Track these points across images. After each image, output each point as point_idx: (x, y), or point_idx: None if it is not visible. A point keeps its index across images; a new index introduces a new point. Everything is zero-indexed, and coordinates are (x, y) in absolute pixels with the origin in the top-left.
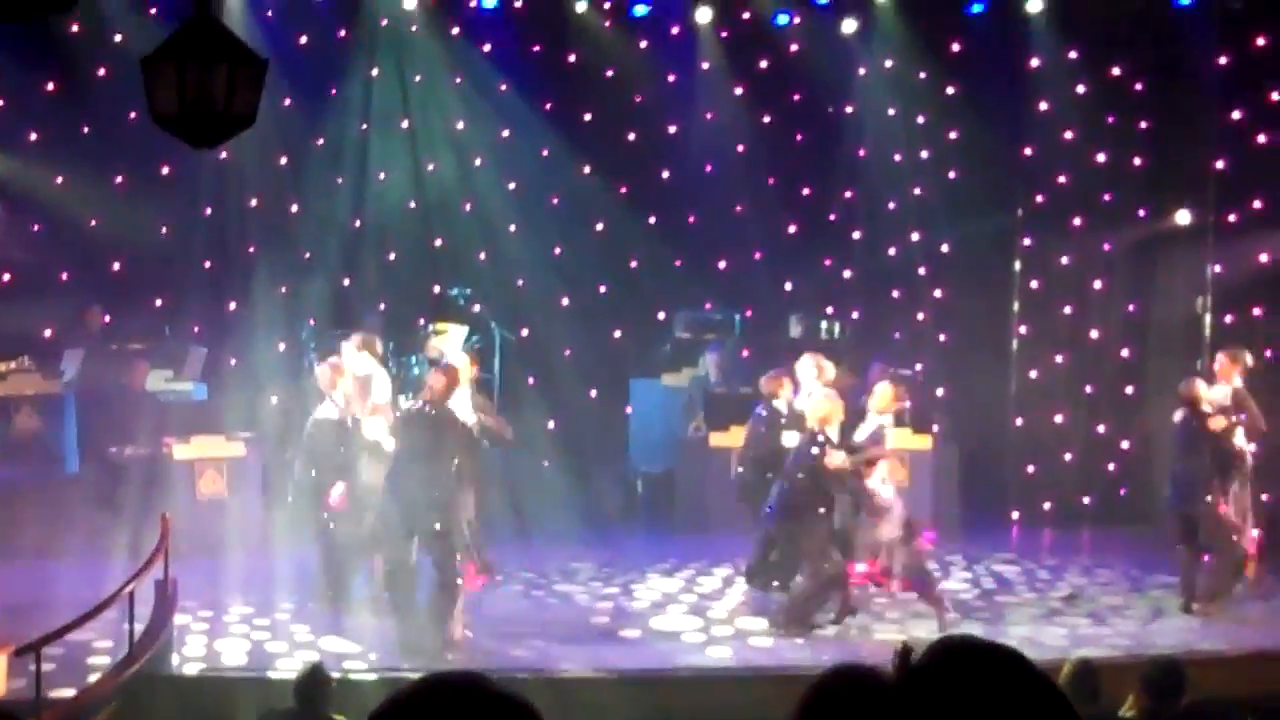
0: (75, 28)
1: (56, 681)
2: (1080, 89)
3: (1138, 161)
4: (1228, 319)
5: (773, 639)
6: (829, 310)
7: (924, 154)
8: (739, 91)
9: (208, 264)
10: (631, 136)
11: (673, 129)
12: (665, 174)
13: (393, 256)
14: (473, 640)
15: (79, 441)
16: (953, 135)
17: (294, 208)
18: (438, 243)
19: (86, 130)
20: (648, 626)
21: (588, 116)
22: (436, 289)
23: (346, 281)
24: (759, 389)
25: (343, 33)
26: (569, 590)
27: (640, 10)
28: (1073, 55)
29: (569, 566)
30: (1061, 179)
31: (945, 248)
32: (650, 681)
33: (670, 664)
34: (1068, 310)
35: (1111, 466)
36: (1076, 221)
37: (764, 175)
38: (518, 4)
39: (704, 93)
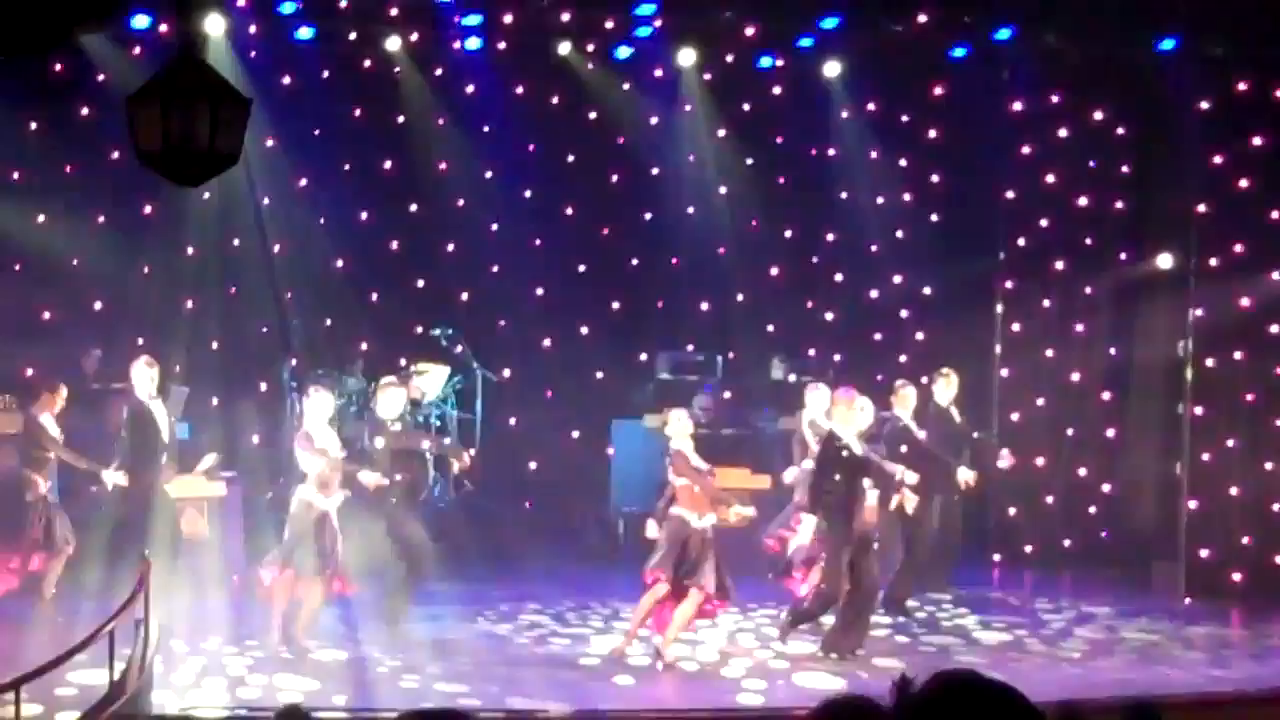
0: (59, 67)
1: (45, 714)
2: (1062, 133)
3: (1119, 205)
4: (1209, 362)
5: (760, 680)
6: (811, 352)
7: (906, 197)
8: (722, 133)
9: (190, 303)
10: (614, 178)
11: (655, 171)
12: (648, 215)
13: (375, 297)
14: (454, 678)
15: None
16: (935, 178)
17: (276, 248)
18: (420, 283)
19: (69, 169)
20: (630, 667)
21: (570, 158)
22: (419, 329)
23: (329, 321)
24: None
25: (326, 74)
26: (551, 630)
27: (623, 52)
28: (1055, 99)
29: (551, 606)
30: (1043, 222)
31: (927, 290)
32: None
33: (655, 704)
34: (1049, 353)
35: (1093, 509)
36: (1058, 265)
37: (746, 217)
38: (501, 46)
39: (687, 135)
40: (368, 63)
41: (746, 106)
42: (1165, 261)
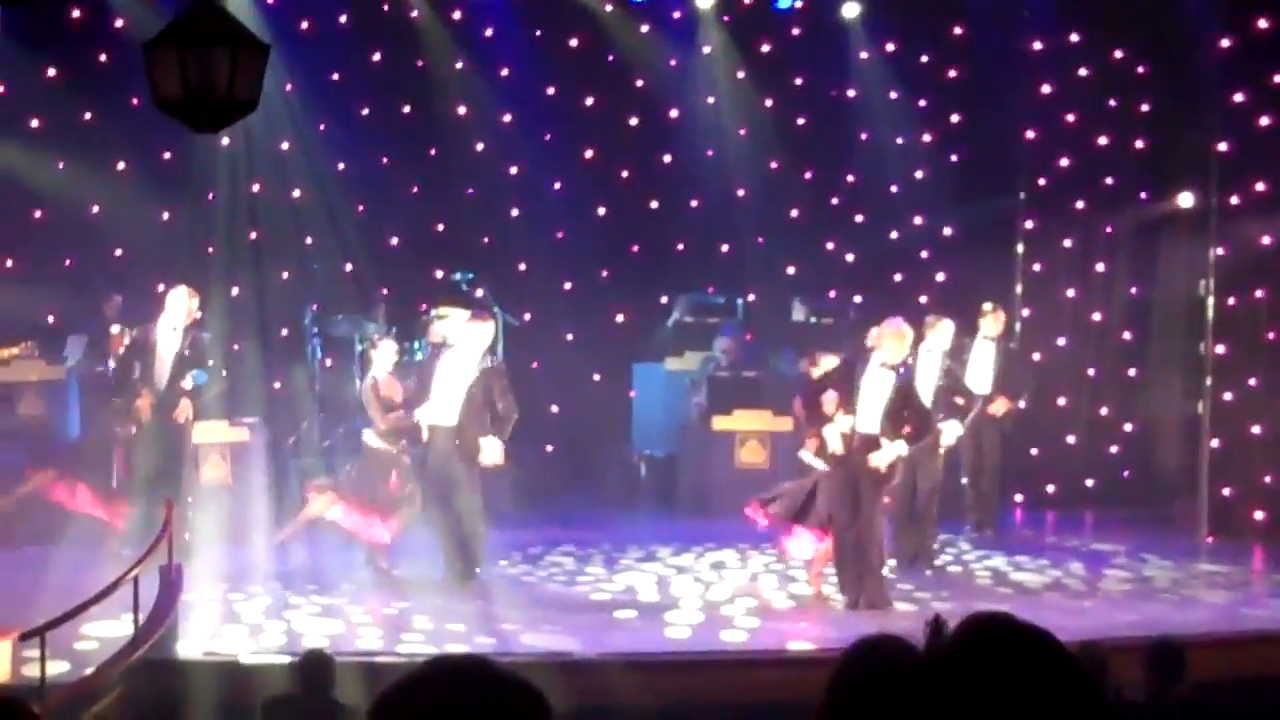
0: (76, 13)
1: (61, 667)
2: (1082, 72)
3: (1140, 144)
4: (1230, 301)
5: (779, 621)
6: (831, 294)
7: (926, 137)
8: (741, 75)
9: (210, 250)
10: (633, 121)
11: (674, 113)
12: (667, 158)
13: (395, 241)
14: (476, 622)
15: (82, 427)
16: (955, 118)
17: (296, 193)
18: (439, 227)
19: (88, 116)
20: (652, 609)
21: (589, 101)
22: (439, 273)
23: (349, 267)
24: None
25: (344, 18)
26: (573, 573)
27: None
28: (1075, 38)
29: (572, 549)
30: (1064, 162)
31: (948, 231)
32: (655, 664)
33: (675, 647)
34: (1070, 293)
35: (1114, 449)
36: (1079, 204)
37: (766, 159)
38: None
39: (705, 77)
40: (385, 6)
41: (766, 48)
42: (1186, 200)
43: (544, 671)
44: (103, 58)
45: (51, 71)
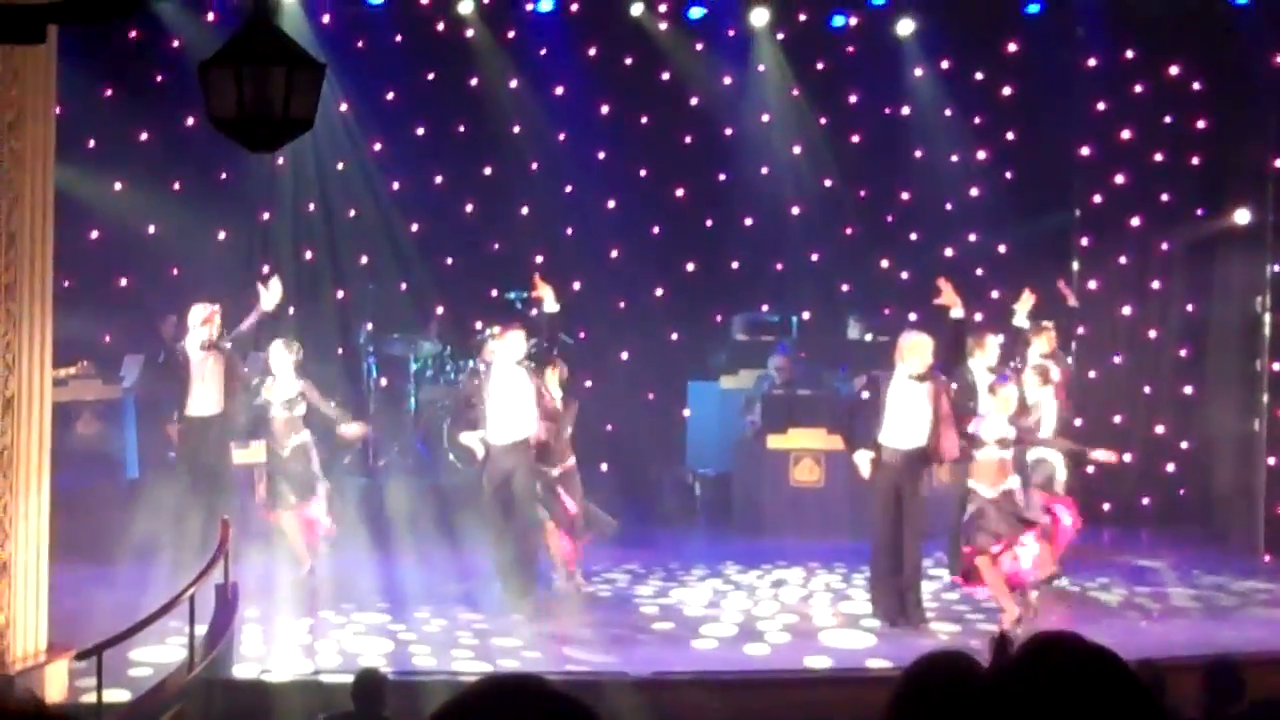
0: (133, 34)
1: (117, 686)
2: (1137, 88)
3: (1196, 161)
4: None
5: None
6: (886, 312)
7: (981, 154)
8: (795, 93)
9: (265, 269)
10: (688, 139)
11: (729, 131)
12: (722, 176)
13: (449, 260)
14: (529, 642)
15: (139, 447)
16: (1009, 135)
17: (351, 212)
18: (494, 246)
19: (144, 137)
20: (707, 629)
21: (644, 119)
22: (493, 292)
23: (404, 286)
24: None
25: (399, 38)
26: (627, 592)
27: (696, 13)
28: (1129, 55)
29: (627, 569)
30: (1119, 179)
31: (1002, 248)
32: (709, 684)
33: (729, 666)
34: (1126, 310)
35: (1171, 467)
36: (1135, 221)
37: (820, 177)
38: (574, 7)
39: (760, 95)
40: (440, 26)
41: (820, 66)
42: (1242, 217)
43: (597, 690)
44: (159, 78)
45: (108, 92)
